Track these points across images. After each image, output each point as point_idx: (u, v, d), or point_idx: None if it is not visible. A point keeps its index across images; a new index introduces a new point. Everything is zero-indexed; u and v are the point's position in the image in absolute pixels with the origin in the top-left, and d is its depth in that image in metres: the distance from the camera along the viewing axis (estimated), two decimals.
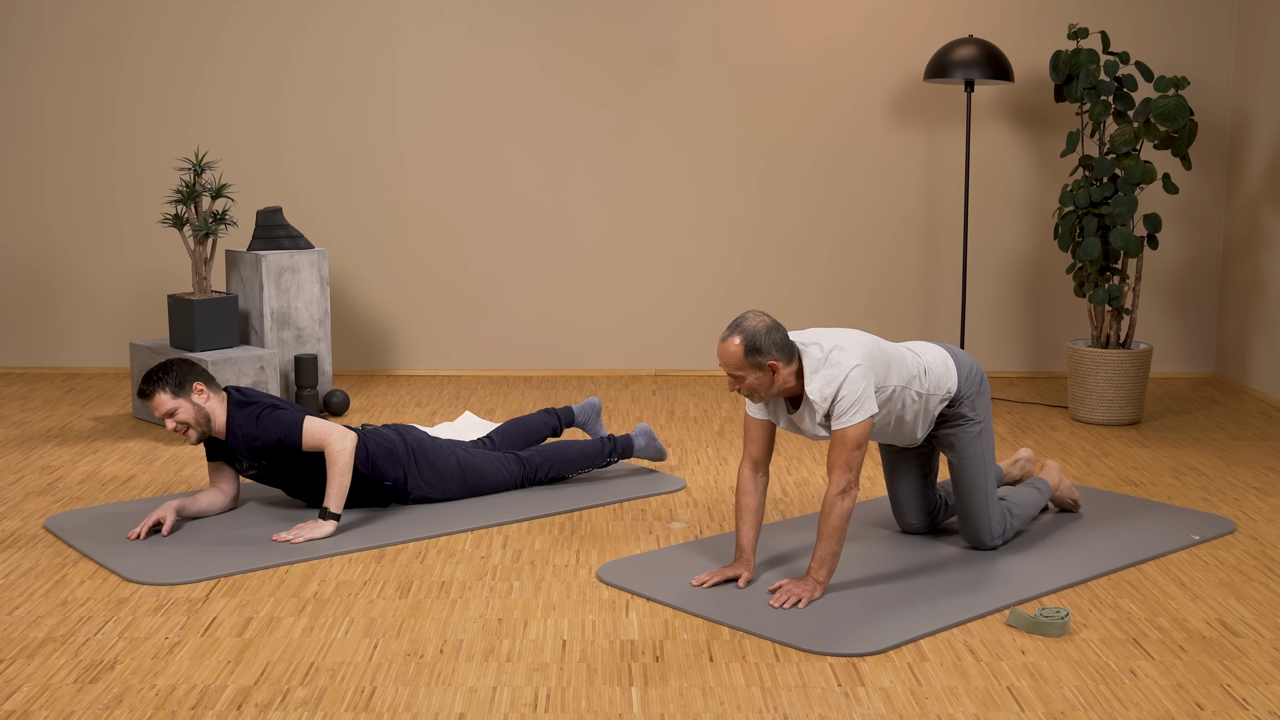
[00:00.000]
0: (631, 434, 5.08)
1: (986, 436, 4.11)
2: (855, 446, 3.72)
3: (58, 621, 3.62)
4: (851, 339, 3.82)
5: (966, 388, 4.08)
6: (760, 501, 3.91)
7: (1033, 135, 6.99)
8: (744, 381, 3.72)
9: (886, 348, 3.92)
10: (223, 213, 5.96)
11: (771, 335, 3.69)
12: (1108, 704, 3.17)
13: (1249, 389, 6.69)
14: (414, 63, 6.94)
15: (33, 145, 6.99)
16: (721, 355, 3.72)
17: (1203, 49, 6.90)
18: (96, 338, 7.10)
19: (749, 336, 3.68)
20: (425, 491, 4.65)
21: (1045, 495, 4.40)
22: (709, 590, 3.84)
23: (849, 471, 3.73)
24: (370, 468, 4.52)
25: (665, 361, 7.17)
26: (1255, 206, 6.68)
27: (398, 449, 4.60)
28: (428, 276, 7.06)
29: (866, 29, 6.94)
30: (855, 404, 3.71)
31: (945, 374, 4.04)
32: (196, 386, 4.35)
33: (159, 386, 4.33)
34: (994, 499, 4.14)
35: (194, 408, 4.35)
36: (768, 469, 3.92)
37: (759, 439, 3.90)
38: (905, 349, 4.03)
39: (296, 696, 3.17)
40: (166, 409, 4.33)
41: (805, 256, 7.09)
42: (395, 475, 4.58)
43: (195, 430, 4.36)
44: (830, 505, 3.73)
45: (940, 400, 4.04)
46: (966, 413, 4.08)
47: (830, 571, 3.77)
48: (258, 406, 4.38)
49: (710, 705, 3.16)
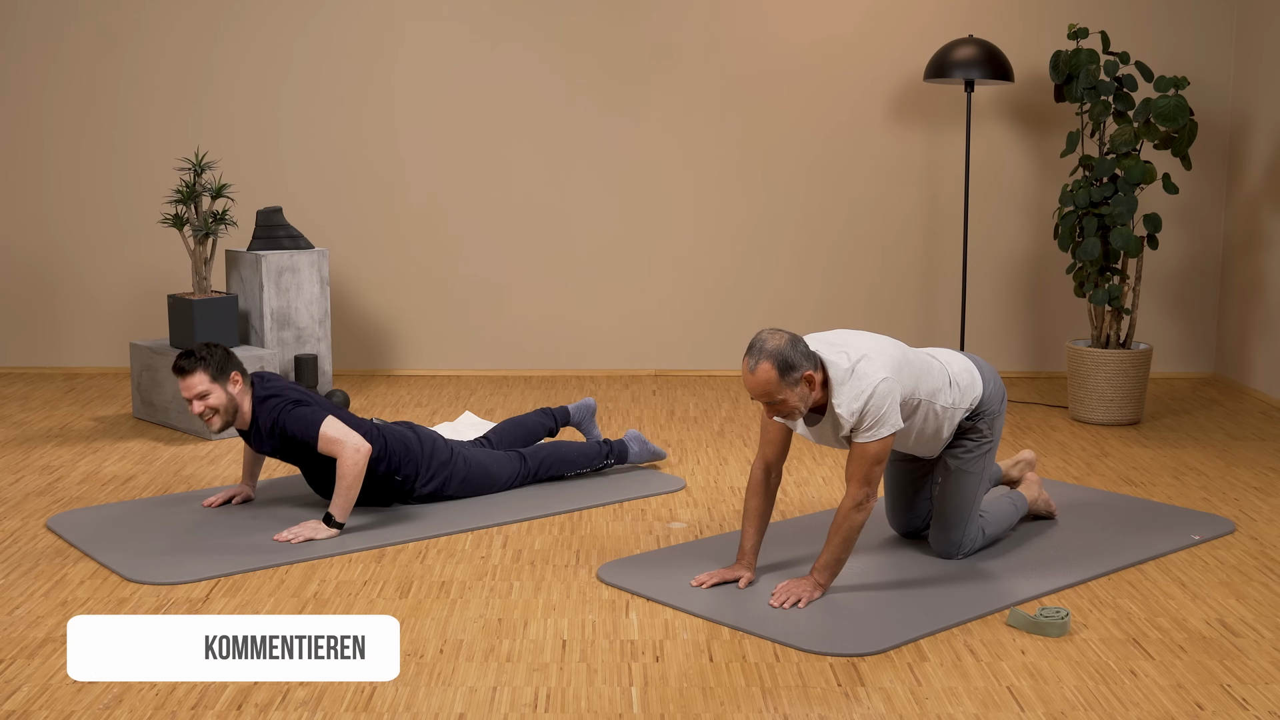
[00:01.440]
0: (624, 439, 5.10)
1: (990, 458, 4.08)
2: (875, 462, 3.67)
3: (58, 621, 3.62)
4: (878, 348, 3.74)
5: (989, 403, 4.02)
6: (768, 505, 3.88)
7: (1033, 135, 6.99)
8: (784, 404, 3.61)
9: (913, 357, 3.84)
10: (223, 213, 5.96)
11: (797, 347, 3.59)
12: (1108, 704, 3.17)
13: (1249, 389, 6.69)
14: (414, 62, 6.93)
15: (33, 145, 6.99)
16: (754, 385, 3.58)
17: (1203, 49, 6.90)
18: (96, 338, 7.10)
19: (778, 357, 3.56)
20: (433, 488, 4.65)
21: (1021, 510, 4.33)
22: (709, 590, 3.83)
23: (867, 485, 3.69)
24: (386, 463, 4.51)
25: (665, 361, 7.17)
26: (1255, 206, 6.68)
27: (412, 445, 4.60)
28: (428, 276, 7.06)
29: (866, 29, 6.94)
30: (880, 420, 3.65)
31: (971, 386, 3.98)
32: (234, 376, 4.37)
33: (201, 366, 4.31)
34: (976, 515, 4.10)
35: (227, 396, 4.35)
36: (780, 471, 3.88)
37: (775, 440, 3.84)
38: (931, 357, 3.94)
39: (296, 696, 3.17)
40: (200, 390, 4.31)
41: (805, 256, 7.09)
42: (408, 471, 4.57)
43: (221, 418, 4.36)
44: (844, 516, 3.70)
45: (964, 413, 3.97)
46: (983, 429, 4.02)
47: (832, 577, 3.76)
48: (280, 400, 4.36)
49: (710, 705, 3.16)
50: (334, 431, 4.29)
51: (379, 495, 4.59)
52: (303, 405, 4.35)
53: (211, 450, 5.49)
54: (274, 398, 4.37)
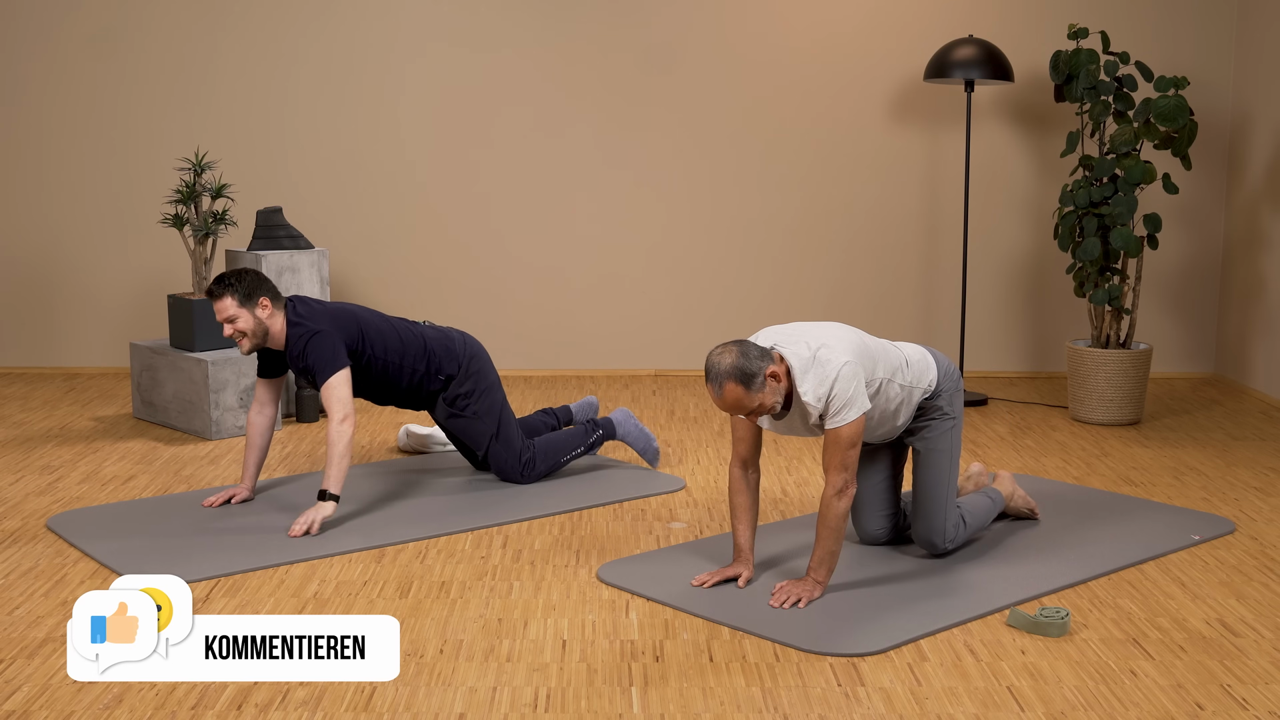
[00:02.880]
0: (610, 415, 5.16)
1: (957, 434, 4.09)
2: (850, 445, 3.71)
3: (58, 621, 3.62)
4: (836, 335, 3.79)
5: (945, 382, 4.07)
6: (754, 499, 3.91)
7: (1033, 135, 6.99)
8: (760, 408, 3.67)
9: (869, 341, 3.90)
10: (223, 213, 5.96)
11: (749, 354, 3.61)
12: (1108, 704, 3.18)
13: (1249, 389, 6.69)
14: (414, 62, 6.93)
15: (33, 145, 6.99)
16: (727, 407, 3.64)
17: (1203, 49, 6.90)
18: (96, 338, 7.10)
19: (737, 372, 3.59)
20: (466, 389, 4.84)
21: (998, 505, 4.35)
22: (709, 590, 3.83)
23: (844, 471, 3.71)
24: (427, 361, 4.78)
25: (665, 361, 7.17)
26: (1255, 206, 6.68)
27: (456, 345, 4.87)
28: (427, 276, 7.06)
29: (866, 29, 6.94)
30: (848, 402, 3.69)
31: (925, 367, 4.04)
32: (262, 301, 4.51)
33: (229, 291, 4.49)
34: (954, 500, 4.10)
35: (254, 320, 4.51)
36: (758, 465, 3.91)
37: (746, 438, 3.88)
38: (885, 342, 4.02)
39: (296, 696, 3.17)
40: (228, 314, 4.49)
41: (805, 256, 7.09)
42: (450, 370, 4.83)
43: (250, 340, 4.53)
44: (827, 505, 3.72)
45: (922, 393, 4.02)
46: (944, 406, 4.06)
47: (829, 571, 3.76)
48: (304, 329, 4.53)
49: (710, 705, 3.16)
50: (334, 390, 4.47)
51: (415, 398, 4.85)
52: (322, 339, 4.51)
53: (211, 450, 5.50)
54: (300, 324, 4.55)
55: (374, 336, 4.69)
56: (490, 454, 4.91)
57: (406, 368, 4.77)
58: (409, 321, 4.87)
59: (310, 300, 4.66)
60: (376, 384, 4.78)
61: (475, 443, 4.91)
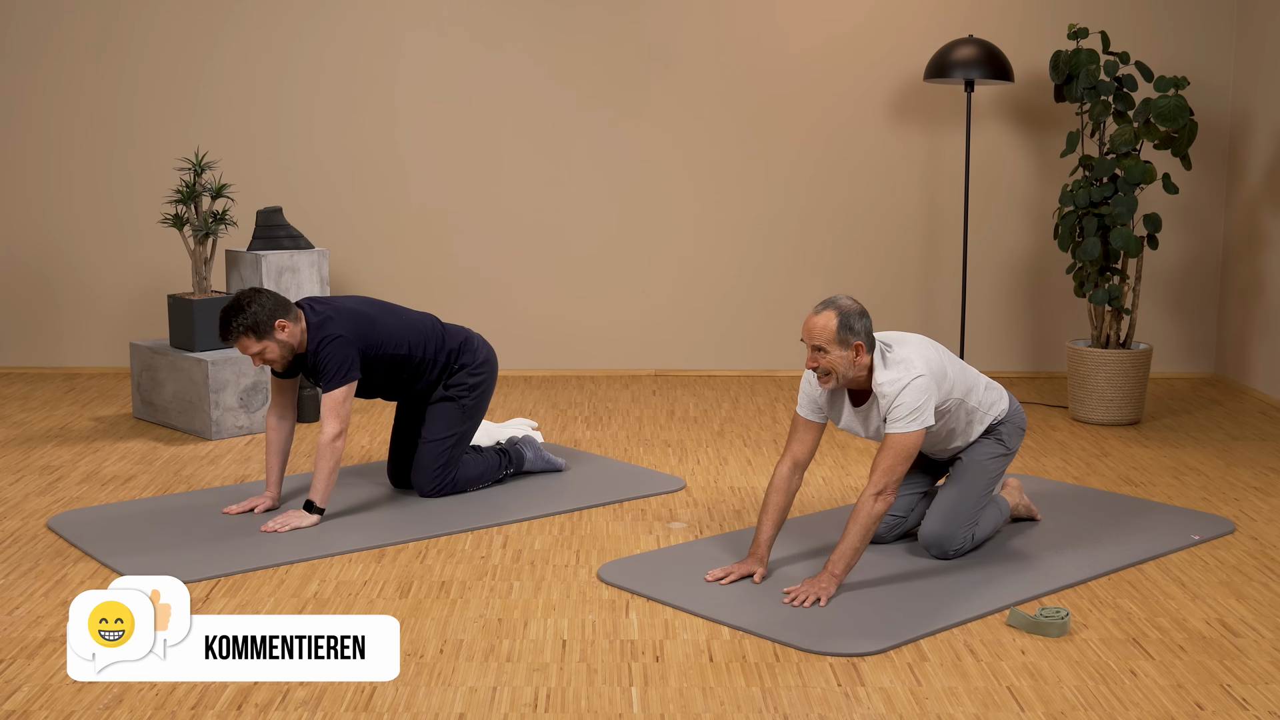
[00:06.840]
0: (519, 442, 5.05)
1: (1003, 465, 4.18)
2: (904, 453, 3.77)
3: (58, 621, 3.62)
4: (919, 350, 3.89)
5: (1014, 415, 4.20)
6: (788, 502, 3.94)
7: (1033, 135, 6.99)
8: (826, 357, 3.77)
9: (948, 360, 3.99)
10: (223, 213, 5.96)
11: (863, 320, 3.80)
12: (1108, 704, 3.18)
13: (1249, 389, 6.69)
14: (414, 62, 6.93)
15: (33, 145, 6.99)
16: (811, 328, 3.78)
17: (1203, 49, 6.90)
18: (96, 338, 7.10)
19: (843, 313, 3.78)
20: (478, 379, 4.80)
21: (1005, 514, 4.37)
22: (709, 590, 3.83)
23: (889, 476, 3.75)
24: (447, 354, 4.73)
25: (665, 361, 7.17)
26: (1255, 206, 6.68)
27: (475, 342, 4.83)
28: (428, 277, 7.06)
29: (866, 29, 6.94)
30: (913, 413, 3.77)
31: (999, 395, 4.17)
32: (278, 324, 4.39)
33: (241, 334, 4.37)
34: (975, 516, 4.14)
35: (278, 344, 4.41)
36: (804, 473, 3.96)
37: (806, 439, 3.94)
38: (963, 363, 4.10)
39: (296, 696, 3.17)
40: (253, 351, 4.40)
41: (805, 256, 7.09)
42: (465, 360, 4.77)
43: (281, 364, 4.47)
44: (863, 504, 3.75)
45: (992, 418, 4.13)
46: (1004, 436, 4.16)
47: (848, 567, 3.77)
48: (324, 332, 4.44)
49: (710, 705, 3.16)
50: (333, 402, 4.41)
51: (431, 384, 4.76)
52: (335, 346, 4.42)
53: (212, 450, 5.49)
54: (323, 324, 4.46)
55: (388, 338, 4.59)
56: (429, 447, 4.73)
57: (427, 360, 4.70)
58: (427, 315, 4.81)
59: (326, 300, 4.58)
60: (390, 378, 4.68)
61: (437, 428, 4.74)
